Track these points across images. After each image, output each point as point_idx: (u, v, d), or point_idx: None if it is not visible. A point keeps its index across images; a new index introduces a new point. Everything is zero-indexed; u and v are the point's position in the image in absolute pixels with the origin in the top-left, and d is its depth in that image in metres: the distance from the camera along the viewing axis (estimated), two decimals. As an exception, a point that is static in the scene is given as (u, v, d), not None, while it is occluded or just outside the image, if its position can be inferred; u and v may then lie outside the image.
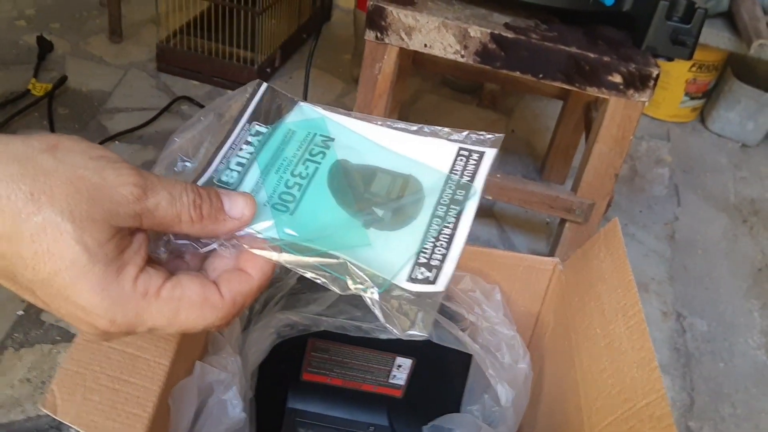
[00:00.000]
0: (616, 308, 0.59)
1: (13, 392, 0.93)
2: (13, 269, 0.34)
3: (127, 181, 0.35)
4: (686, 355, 1.18)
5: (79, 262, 0.34)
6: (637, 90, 0.97)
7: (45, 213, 0.33)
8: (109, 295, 0.35)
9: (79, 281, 0.34)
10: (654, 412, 0.49)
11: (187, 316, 0.37)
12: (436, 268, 0.42)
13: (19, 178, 0.33)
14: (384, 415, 0.79)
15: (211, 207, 0.39)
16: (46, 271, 0.34)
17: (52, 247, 0.33)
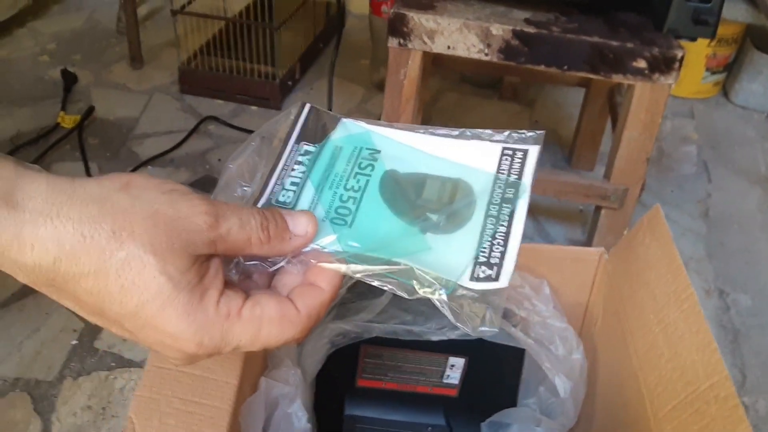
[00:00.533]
0: (668, 293, 0.59)
1: (76, 420, 0.95)
2: (101, 305, 0.36)
3: (199, 211, 0.37)
4: (733, 332, 1.18)
5: (164, 291, 0.35)
6: (663, 73, 0.98)
7: (128, 248, 0.35)
8: (195, 320, 0.37)
9: (166, 310, 0.36)
10: (719, 393, 0.50)
11: (268, 332, 0.39)
12: (496, 265, 0.43)
13: (100, 218, 0.35)
14: (441, 414, 0.80)
15: (277, 227, 0.40)
16: (133, 304, 0.35)
17: (137, 280, 0.35)
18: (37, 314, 1.10)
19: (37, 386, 0.99)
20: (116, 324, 0.37)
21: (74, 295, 0.36)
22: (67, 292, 0.36)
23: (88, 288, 0.35)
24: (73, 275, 0.35)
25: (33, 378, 1.00)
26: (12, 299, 1.13)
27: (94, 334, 1.08)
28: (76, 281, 0.35)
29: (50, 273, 0.35)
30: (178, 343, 0.37)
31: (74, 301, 0.36)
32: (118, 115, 1.68)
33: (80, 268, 0.34)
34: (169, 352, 0.38)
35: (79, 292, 0.35)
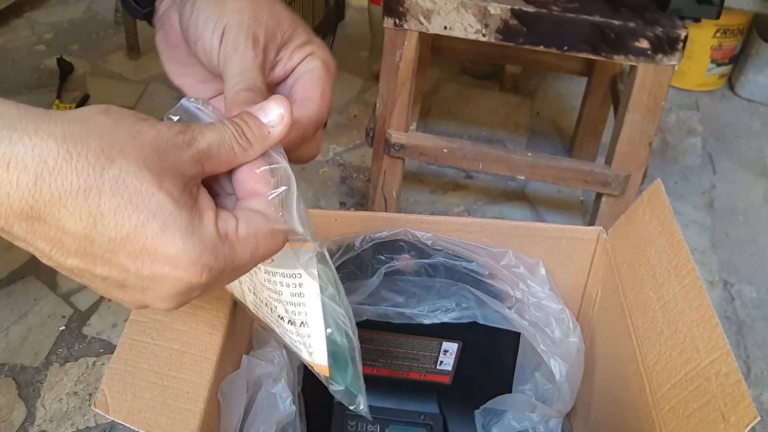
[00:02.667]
0: (668, 269, 0.57)
1: (62, 406, 0.93)
2: (91, 231, 0.32)
3: (177, 131, 0.35)
4: (738, 323, 1.15)
5: (165, 209, 0.33)
6: (666, 54, 0.95)
7: (120, 165, 0.32)
8: (200, 240, 0.34)
9: (168, 229, 0.33)
10: (720, 369, 0.47)
11: (264, 248, 0.38)
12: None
13: (85, 136, 0.32)
14: (434, 402, 0.78)
15: (252, 129, 0.38)
16: (131, 224, 0.32)
17: (134, 198, 0.32)
18: (25, 300, 1.08)
19: (22, 372, 0.97)
20: (103, 259, 0.33)
21: (58, 223, 0.32)
22: (47, 222, 0.32)
23: (77, 210, 0.32)
24: (59, 196, 0.31)
25: (19, 363, 0.99)
26: (0, 284, 1.11)
27: (83, 320, 1.06)
28: (62, 203, 0.31)
29: (30, 196, 0.31)
30: (179, 269, 0.34)
31: (57, 232, 0.32)
32: (114, 104, 1.66)
33: (67, 187, 0.31)
34: (163, 287, 0.35)
35: (64, 218, 0.32)
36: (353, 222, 0.69)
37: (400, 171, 1.16)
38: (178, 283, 0.35)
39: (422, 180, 1.46)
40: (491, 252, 0.69)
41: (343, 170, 1.46)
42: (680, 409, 0.49)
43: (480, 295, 0.69)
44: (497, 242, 0.70)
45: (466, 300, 0.69)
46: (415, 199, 1.40)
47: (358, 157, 1.50)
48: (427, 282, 0.71)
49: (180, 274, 0.34)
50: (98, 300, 1.08)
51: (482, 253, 0.69)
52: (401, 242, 0.70)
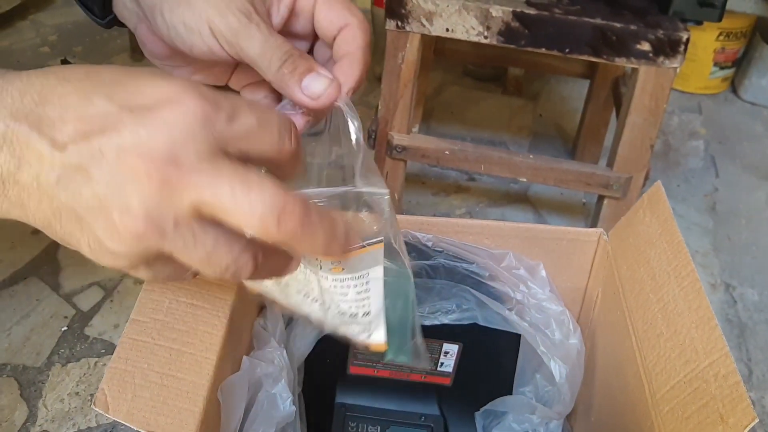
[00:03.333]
0: (668, 270, 0.57)
1: (63, 406, 0.93)
2: (118, 114, 0.31)
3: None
4: (739, 326, 1.15)
5: (205, 103, 0.32)
6: (668, 56, 0.95)
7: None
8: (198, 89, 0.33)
9: (157, 79, 0.33)
10: (719, 370, 0.47)
11: (261, 119, 0.35)
12: None
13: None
14: (434, 404, 0.78)
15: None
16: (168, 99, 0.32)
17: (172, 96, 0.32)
18: (28, 300, 1.08)
19: (24, 372, 0.98)
20: (105, 95, 0.32)
21: (60, 107, 0.31)
22: (49, 109, 0.31)
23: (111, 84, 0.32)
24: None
25: (20, 364, 0.99)
26: (2, 285, 1.11)
27: (85, 320, 1.06)
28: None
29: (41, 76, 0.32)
30: (181, 95, 0.32)
31: (60, 112, 0.31)
32: (117, 106, 1.67)
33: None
34: (175, 115, 0.31)
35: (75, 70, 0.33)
36: (354, 223, 0.69)
37: (402, 173, 1.16)
38: (184, 110, 0.31)
39: (424, 182, 1.46)
40: (492, 253, 0.69)
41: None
42: (679, 410, 0.49)
43: (480, 297, 0.69)
44: (498, 244, 0.70)
45: (467, 301, 0.69)
46: (417, 201, 1.40)
47: (360, 159, 1.50)
48: (427, 283, 0.71)
49: (183, 100, 0.32)
50: (100, 300, 1.09)
51: (483, 254, 0.70)
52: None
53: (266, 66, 0.41)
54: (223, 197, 0.31)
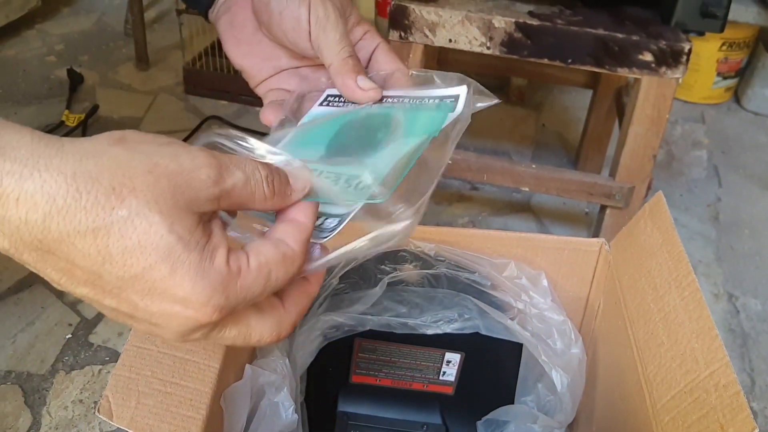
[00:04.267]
0: (669, 281, 0.57)
1: (67, 413, 0.94)
2: (99, 268, 0.32)
3: (202, 164, 0.34)
4: (742, 336, 1.15)
5: (174, 252, 0.32)
6: (670, 67, 0.95)
7: (130, 205, 0.31)
8: (211, 283, 0.33)
9: (177, 272, 0.33)
10: (719, 380, 0.48)
11: (276, 276, 0.37)
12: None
13: (96, 173, 0.31)
14: (436, 413, 0.78)
15: (280, 182, 0.38)
16: (139, 266, 0.32)
17: (143, 240, 0.32)
18: (33, 308, 1.09)
19: (28, 379, 0.98)
20: (112, 293, 0.33)
21: (67, 258, 0.32)
22: (57, 256, 0.32)
23: (85, 249, 0.31)
24: (68, 234, 0.31)
25: (25, 371, 0.99)
26: (8, 293, 1.12)
27: (90, 328, 1.07)
28: (70, 242, 0.31)
29: (39, 232, 0.31)
30: (189, 309, 0.34)
31: (66, 264, 0.32)
32: (123, 114, 1.68)
33: (76, 226, 0.31)
34: (174, 322, 0.34)
35: (73, 254, 0.32)
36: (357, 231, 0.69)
37: (405, 182, 1.16)
38: (188, 321, 0.34)
39: (427, 191, 1.46)
40: (494, 263, 0.70)
41: (348, 181, 1.46)
42: (680, 420, 0.49)
43: (482, 306, 0.69)
44: (500, 253, 0.70)
45: (469, 311, 0.69)
46: (421, 210, 1.40)
47: (364, 169, 1.50)
48: (429, 292, 0.71)
49: (190, 314, 0.34)
50: (104, 309, 1.09)
51: (485, 263, 0.70)
52: (404, 253, 0.70)
53: (336, 52, 0.48)
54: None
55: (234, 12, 0.54)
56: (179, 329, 0.35)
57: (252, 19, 0.53)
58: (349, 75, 0.48)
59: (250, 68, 0.55)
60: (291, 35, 0.50)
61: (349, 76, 0.48)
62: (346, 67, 0.48)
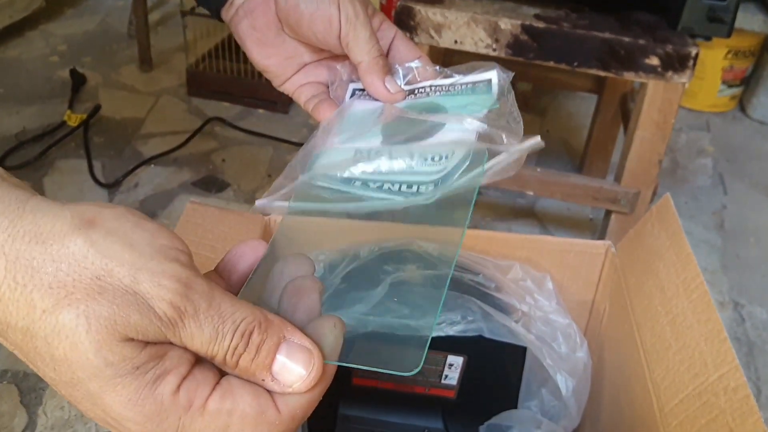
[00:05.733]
0: (677, 283, 0.56)
1: (63, 414, 0.93)
2: (33, 362, 0.30)
3: (164, 297, 0.29)
4: (748, 345, 1.14)
5: (102, 375, 0.28)
6: (676, 71, 0.95)
7: (60, 315, 0.28)
8: (143, 411, 0.29)
9: (106, 393, 0.29)
10: (728, 384, 0.46)
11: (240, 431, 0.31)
12: None
13: (39, 266, 0.28)
14: (438, 417, 0.77)
15: (252, 360, 0.31)
16: (68, 376, 0.29)
17: (69, 354, 0.28)
18: (31, 308, 1.08)
19: (25, 379, 0.97)
20: (47, 376, 0.30)
21: (13, 343, 0.30)
22: (5, 339, 0.30)
23: (18, 342, 0.29)
24: (5, 322, 0.29)
25: (21, 370, 0.98)
26: (6, 292, 1.11)
27: (87, 328, 1.06)
28: (6, 327, 0.29)
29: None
30: (123, 428, 0.30)
31: (15, 349, 0.30)
32: (125, 115, 1.67)
33: (8, 318, 0.28)
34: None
35: (14, 342, 0.29)
36: (360, 231, 0.69)
37: (409, 185, 1.15)
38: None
39: (430, 196, 1.45)
40: (498, 265, 0.69)
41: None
42: (688, 424, 0.48)
43: (486, 308, 0.68)
44: (504, 255, 0.69)
45: (472, 313, 0.68)
46: (423, 214, 1.39)
47: (366, 172, 1.50)
48: (432, 294, 0.70)
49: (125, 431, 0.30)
50: (103, 309, 1.08)
51: (489, 265, 0.69)
52: (408, 253, 0.69)
53: (366, 52, 0.49)
54: None
55: (255, 15, 0.54)
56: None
57: (275, 21, 0.53)
58: (379, 75, 0.49)
59: (276, 68, 0.55)
60: (321, 35, 0.50)
61: (378, 76, 0.49)
62: (376, 66, 0.49)
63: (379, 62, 0.49)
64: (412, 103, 0.49)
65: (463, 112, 0.45)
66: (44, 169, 1.45)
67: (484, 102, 0.46)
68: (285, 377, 0.31)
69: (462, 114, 0.45)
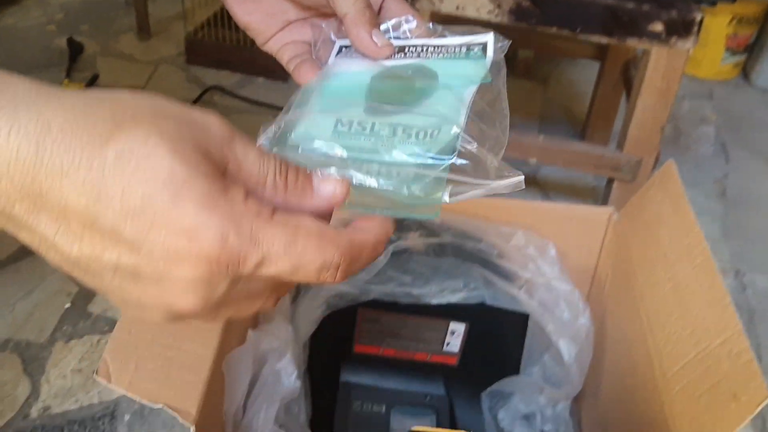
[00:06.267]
0: (680, 249, 0.56)
1: (65, 382, 0.93)
2: (95, 207, 0.28)
3: (216, 122, 0.31)
4: (749, 312, 1.14)
5: (177, 176, 0.28)
6: (681, 37, 0.93)
7: (129, 131, 0.28)
8: (219, 210, 0.29)
9: (182, 197, 0.28)
10: (731, 348, 0.46)
11: (305, 245, 0.31)
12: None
13: (97, 105, 0.28)
14: (440, 384, 0.77)
15: (297, 178, 0.33)
16: (138, 196, 0.28)
17: (142, 164, 0.28)
18: (32, 277, 1.08)
19: (27, 348, 0.97)
20: (111, 239, 0.29)
21: (60, 198, 0.28)
22: (49, 198, 0.28)
23: (80, 182, 0.28)
24: (61, 167, 0.28)
25: (24, 339, 0.98)
26: (7, 261, 1.11)
27: (88, 298, 1.06)
28: (64, 174, 0.28)
29: (32, 168, 0.27)
30: (197, 242, 0.29)
31: (60, 211, 0.28)
32: (123, 84, 1.66)
33: (70, 156, 0.28)
34: (181, 271, 0.29)
35: (67, 191, 0.28)
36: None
37: (410, 153, 1.15)
38: (196, 263, 0.29)
39: (431, 165, 1.45)
40: (500, 232, 0.68)
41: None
42: (690, 389, 0.48)
43: (488, 276, 0.68)
44: (507, 222, 0.69)
45: (474, 280, 0.68)
46: (424, 183, 1.39)
47: (367, 141, 1.49)
48: (434, 262, 0.70)
49: (196, 249, 0.29)
50: (105, 278, 1.08)
51: (491, 232, 0.69)
52: (409, 221, 0.69)
53: (351, 2, 0.46)
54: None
55: None
56: (189, 276, 0.30)
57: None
58: (365, 27, 0.46)
59: (258, 25, 0.52)
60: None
61: (364, 28, 0.46)
62: (363, 18, 0.46)
63: (365, 13, 0.46)
64: (400, 63, 0.46)
65: (453, 82, 0.43)
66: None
67: (477, 72, 0.43)
68: (324, 189, 0.34)
69: (452, 86, 0.42)
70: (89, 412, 0.90)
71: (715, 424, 0.44)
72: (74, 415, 0.89)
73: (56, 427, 0.88)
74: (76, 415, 0.89)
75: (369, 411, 0.74)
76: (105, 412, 0.90)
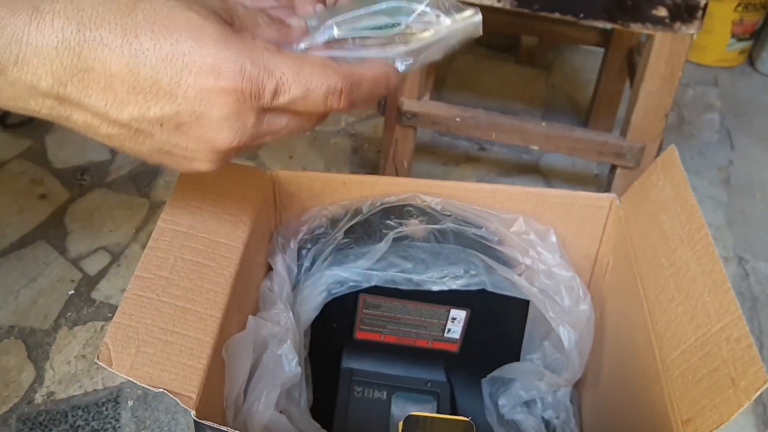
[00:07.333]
0: (681, 235, 0.56)
1: (70, 368, 0.94)
2: (134, 66, 0.34)
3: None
4: (752, 299, 1.14)
5: (196, 21, 0.35)
6: (684, 22, 0.93)
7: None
8: (234, 45, 0.35)
9: (202, 37, 0.35)
10: (731, 334, 0.46)
11: (311, 71, 0.37)
12: None
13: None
14: (441, 370, 0.78)
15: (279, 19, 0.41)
16: (168, 45, 0.34)
17: (166, 21, 0.34)
18: (35, 264, 1.08)
19: (31, 334, 0.98)
20: (152, 92, 0.35)
21: (104, 68, 0.34)
22: (95, 69, 0.34)
23: (117, 47, 0.34)
24: (101, 40, 0.33)
25: (28, 326, 0.99)
26: (11, 248, 1.11)
27: (92, 285, 1.06)
28: (104, 45, 0.33)
29: (77, 46, 0.33)
30: (222, 78, 0.35)
31: (106, 79, 0.34)
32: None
33: (106, 27, 0.33)
34: (214, 109, 0.36)
35: (109, 59, 0.34)
36: (362, 186, 0.68)
37: (412, 140, 1.15)
38: (225, 99, 0.35)
39: (434, 152, 1.45)
40: (501, 218, 0.68)
41: (354, 141, 1.44)
42: (690, 374, 0.48)
43: (489, 262, 0.68)
44: (508, 208, 0.69)
45: (475, 267, 0.68)
46: (427, 170, 1.39)
47: (370, 128, 1.49)
48: (435, 248, 0.70)
49: (221, 84, 0.35)
50: (107, 265, 1.09)
51: (492, 219, 0.69)
52: (410, 207, 0.69)
53: None
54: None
55: None
56: (222, 113, 0.36)
57: None
58: None
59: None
60: None
61: None
62: None
63: None
64: None
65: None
66: (46, 126, 1.44)
67: None
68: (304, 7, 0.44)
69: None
70: (93, 398, 0.90)
71: (714, 408, 0.44)
72: (78, 401, 0.90)
73: (60, 413, 0.88)
74: (80, 400, 0.90)
75: (370, 397, 0.74)
76: (109, 397, 0.90)
